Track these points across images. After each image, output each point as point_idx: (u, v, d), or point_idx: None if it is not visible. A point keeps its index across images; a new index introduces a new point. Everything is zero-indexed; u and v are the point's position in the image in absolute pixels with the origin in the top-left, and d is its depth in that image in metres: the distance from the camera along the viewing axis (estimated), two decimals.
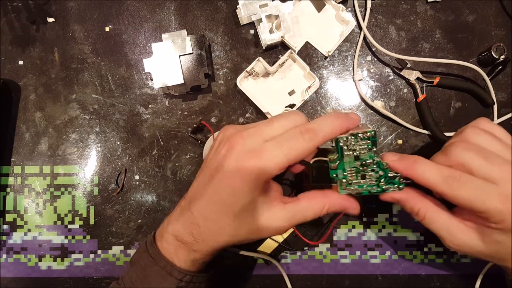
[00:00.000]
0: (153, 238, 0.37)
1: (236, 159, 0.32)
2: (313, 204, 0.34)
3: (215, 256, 0.36)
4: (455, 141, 0.33)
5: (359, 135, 0.32)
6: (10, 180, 0.49)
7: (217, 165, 0.33)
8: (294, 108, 0.48)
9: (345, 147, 0.32)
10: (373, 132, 0.32)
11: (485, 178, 0.30)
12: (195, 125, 0.47)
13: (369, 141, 0.32)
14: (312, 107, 0.49)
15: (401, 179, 0.33)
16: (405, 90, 0.49)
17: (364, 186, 0.33)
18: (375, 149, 0.32)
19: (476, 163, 0.31)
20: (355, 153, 0.33)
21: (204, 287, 0.37)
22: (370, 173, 0.33)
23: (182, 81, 0.46)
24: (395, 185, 0.33)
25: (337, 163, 0.33)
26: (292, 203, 0.34)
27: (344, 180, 0.33)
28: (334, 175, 0.33)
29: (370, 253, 0.48)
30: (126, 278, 0.37)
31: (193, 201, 0.34)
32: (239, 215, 0.33)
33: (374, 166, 0.33)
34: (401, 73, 0.48)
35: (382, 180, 0.33)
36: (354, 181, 0.33)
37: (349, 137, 0.32)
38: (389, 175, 0.33)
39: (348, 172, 0.33)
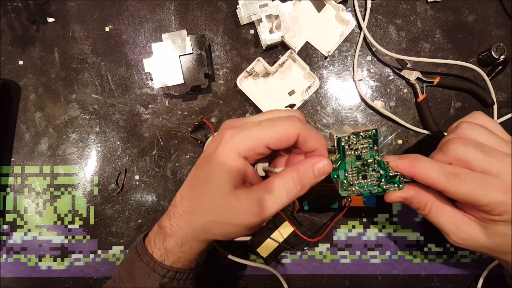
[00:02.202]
0: (146, 234, 0.37)
1: (220, 142, 0.31)
2: (284, 181, 0.31)
3: (199, 254, 0.35)
4: (451, 137, 0.33)
5: (361, 133, 0.32)
6: (10, 180, 0.49)
7: (205, 151, 0.33)
8: (294, 108, 0.48)
9: (347, 147, 0.32)
10: (374, 131, 0.32)
11: (485, 171, 0.31)
12: (196, 123, 0.47)
13: (370, 140, 0.32)
14: (312, 107, 0.49)
15: (401, 178, 0.33)
16: (405, 90, 0.49)
17: (365, 186, 0.33)
18: (376, 147, 0.32)
19: (475, 157, 0.31)
20: (356, 152, 0.32)
21: (191, 285, 0.36)
22: (371, 173, 0.33)
23: (182, 81, 0.46)
24: (396, 184, 0.33)
25: (338, 164, 0.33)
26: (260, 184, 0.32)
27: (345, 181, 0.33)
28: (336, 176, 0.33)
29: (370, 253, 0.48)
30: (116, 274, 0.37)
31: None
32: (210, 193, 0.31)
33: (375, 165, 0.33)
34: (401, 73, 0.48)
35: (383, 179, 0.33)
36: (355, 182, 0.33)
37: (351, 136, 0.32)
38: (390, 174, 0.33)
39: (350, 172, 0.33)
